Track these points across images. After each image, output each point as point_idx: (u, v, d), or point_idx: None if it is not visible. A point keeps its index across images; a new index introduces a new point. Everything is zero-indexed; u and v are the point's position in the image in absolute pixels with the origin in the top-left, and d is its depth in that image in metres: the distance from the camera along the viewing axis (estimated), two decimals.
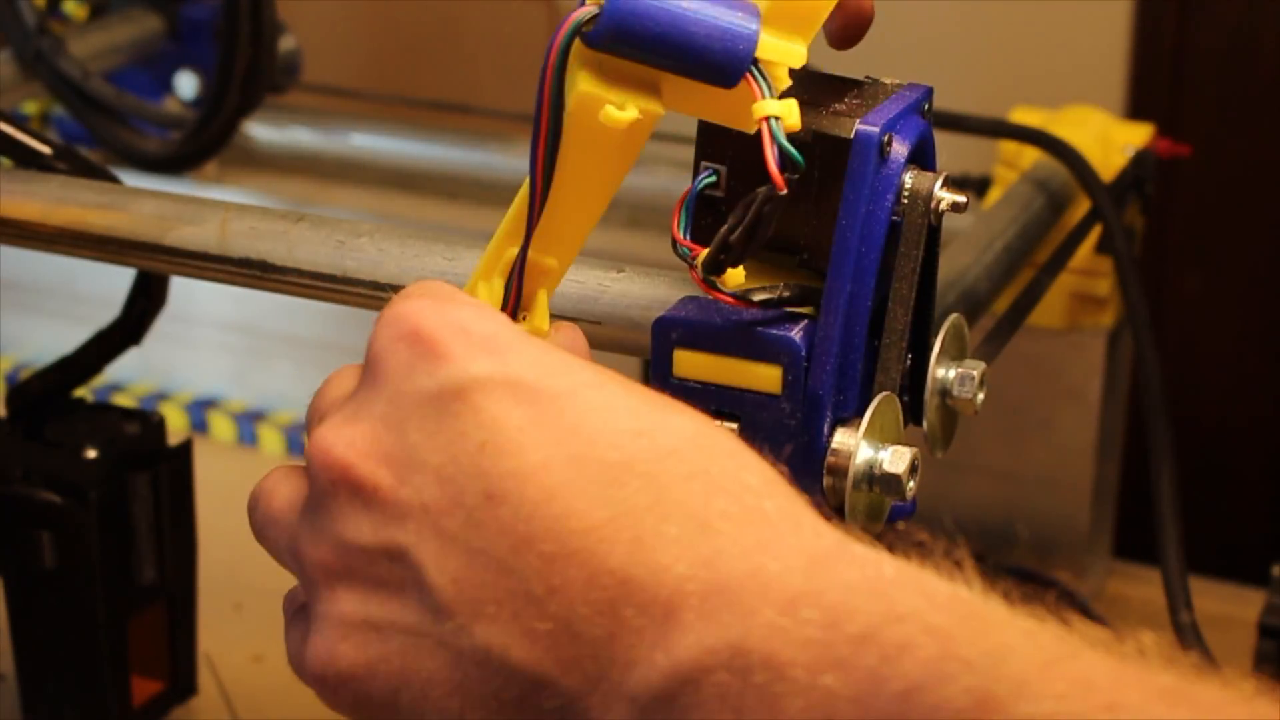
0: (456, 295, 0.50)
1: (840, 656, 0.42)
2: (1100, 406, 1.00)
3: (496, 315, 0.49)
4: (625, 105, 0.51)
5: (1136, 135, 0.96)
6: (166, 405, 1.22)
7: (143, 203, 0.72)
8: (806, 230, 0.57)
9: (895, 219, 0.57)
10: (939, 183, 0.57)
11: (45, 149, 0.76)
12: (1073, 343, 0.99)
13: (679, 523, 0.44)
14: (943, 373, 0.61)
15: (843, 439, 0.56)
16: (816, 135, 0.56)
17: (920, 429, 0.61)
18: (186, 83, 1.13)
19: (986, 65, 1.31)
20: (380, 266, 0.66)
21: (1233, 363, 1.34)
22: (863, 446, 0.56)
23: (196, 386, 1.24)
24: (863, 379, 0.57)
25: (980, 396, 0.62)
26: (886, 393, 0.57)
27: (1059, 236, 0.84)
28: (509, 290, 0.55)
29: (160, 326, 0.83)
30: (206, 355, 1.23)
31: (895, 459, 0.56)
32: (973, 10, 1.31)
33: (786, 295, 0.56)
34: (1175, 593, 0.78)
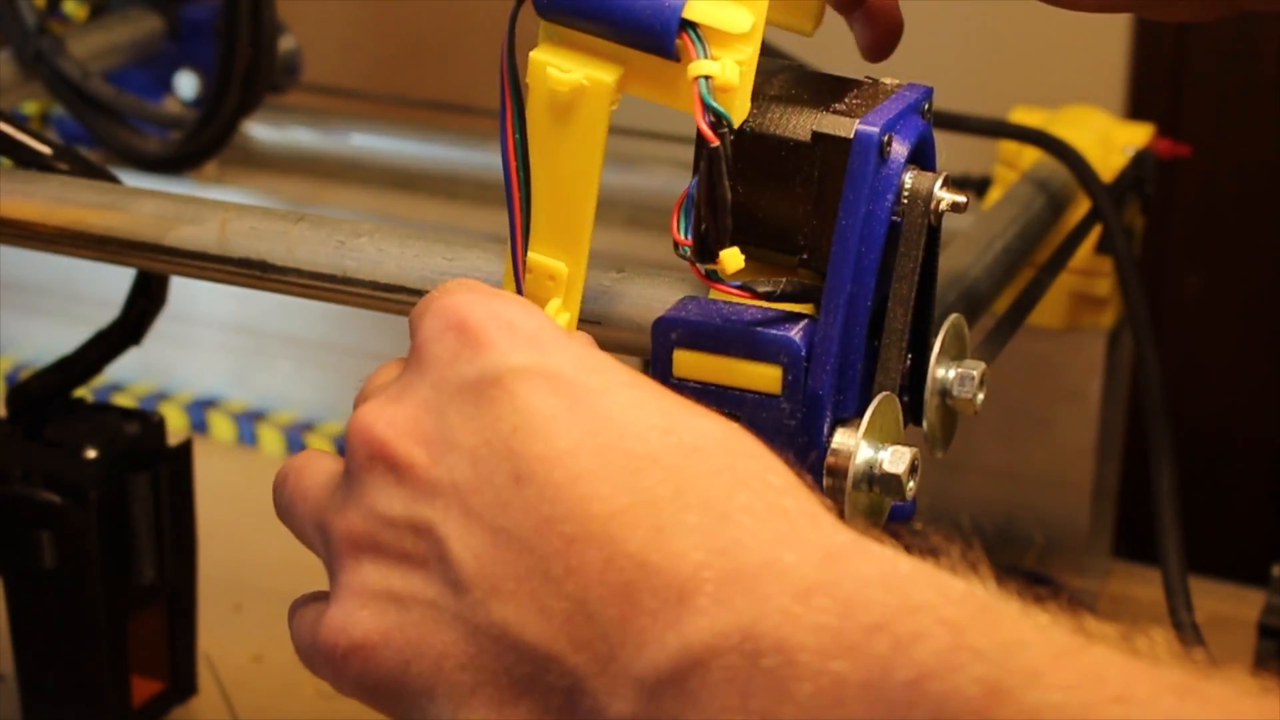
0: (502, 292, 0.52)
1: (852, 643, 0.42)
2: (1100, 407, 1.00)
3: (540, 313, 0.51)
4: (571, 71, 0.53)
5: (1136, 135, 0.96)
6: (166, 405, 1.22)
7: (143, 203, 0.72)
8: (807, 230, 0.57)
9: (895, 219, 0.57)
10: (939, 183, 0.57)
11: (45, 149, 0.76)
12: (1073, 343, 0.99)
13: (699, 513, 0.45)
14: (943, 373, 0.61)
15: (843, 439, 0.56)
16: (816, 135, 0.56)
17: (920, 429, 0.61)
18: (186, 83, 1.13)
19: (986, 65, 1.31)
20: (380, 266, 0.66)
21: (1233, 363, 1.34)
22: (863, 446, 0.56)
23: (196, 386, 1.24)
24: (863, 379, 0.57)
25: (980, 396, 0.62)
26: (886, 393, 0.57)
27: (1059, 236, 0.84)
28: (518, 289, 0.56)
29: (160, 326, 0.83)
30: (206, 355, 1.23)
31: (895, 459, 0.56)
32: (973, 10, 1.31)
33: (788, 289, 0.56)
34: (1175, 593, 0.78)
